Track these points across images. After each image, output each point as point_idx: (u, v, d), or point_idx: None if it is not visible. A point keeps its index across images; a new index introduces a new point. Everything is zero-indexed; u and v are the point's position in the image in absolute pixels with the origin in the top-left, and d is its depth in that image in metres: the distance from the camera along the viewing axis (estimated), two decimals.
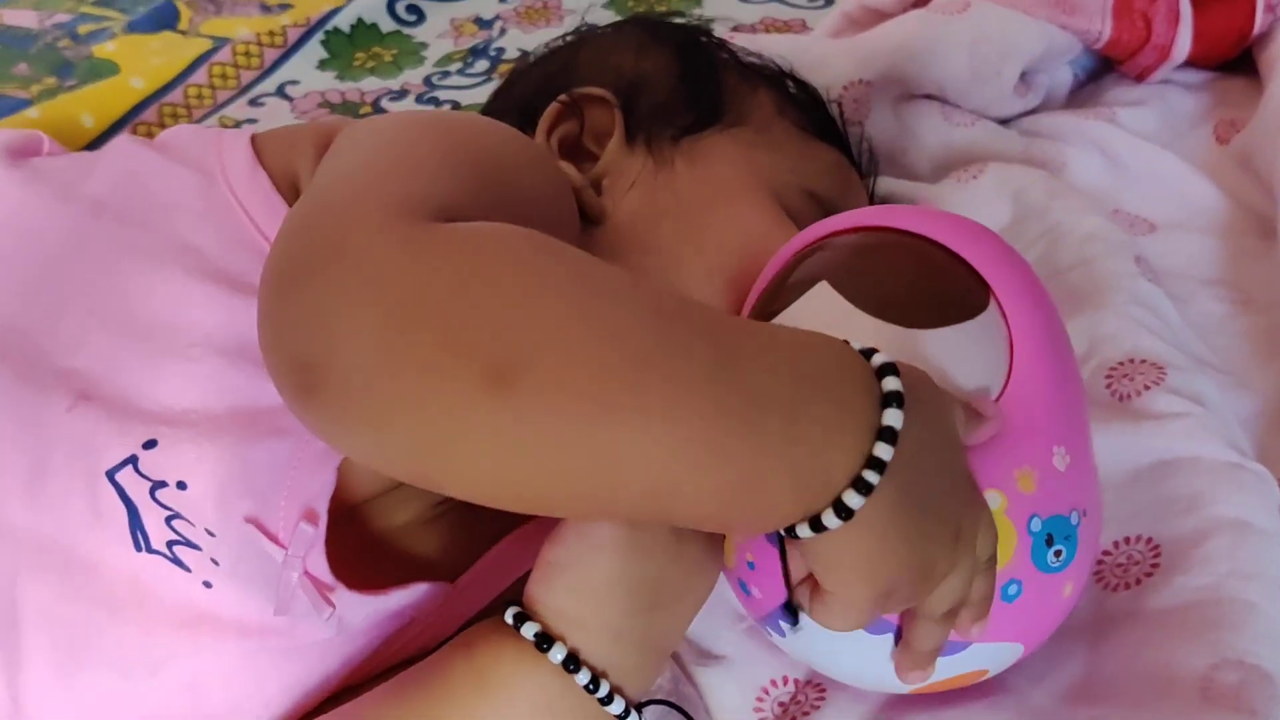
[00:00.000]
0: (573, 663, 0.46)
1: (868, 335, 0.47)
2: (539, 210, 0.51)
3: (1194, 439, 0.60)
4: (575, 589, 0.47)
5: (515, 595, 0.48)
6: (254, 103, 0.98)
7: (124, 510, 0.47)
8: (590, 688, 0.46)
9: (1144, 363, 0.64)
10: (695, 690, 0.58)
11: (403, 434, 0.38)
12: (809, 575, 0.44)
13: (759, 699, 0.58)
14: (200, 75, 0.99)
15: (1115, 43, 0.88)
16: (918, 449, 0.40)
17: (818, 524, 0.39)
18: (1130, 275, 0.71)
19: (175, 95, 0.97)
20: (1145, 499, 0.59)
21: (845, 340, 0.42)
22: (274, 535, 0.48)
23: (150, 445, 0.47)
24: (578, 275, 0.39)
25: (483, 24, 1.07)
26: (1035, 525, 0.46)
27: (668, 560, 0.47)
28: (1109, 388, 0.64)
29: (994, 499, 0.46)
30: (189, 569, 0.48)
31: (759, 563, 0.47)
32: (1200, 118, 0.89)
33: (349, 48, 1.04)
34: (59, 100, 0.93)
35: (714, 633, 0.60)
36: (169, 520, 0.47)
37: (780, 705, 0.58)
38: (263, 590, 0.49)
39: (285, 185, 0.53)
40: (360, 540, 0.52)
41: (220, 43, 1.02)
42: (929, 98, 0.88)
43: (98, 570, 0.48)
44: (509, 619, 0.47)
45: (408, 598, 0.52)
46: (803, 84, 0.72)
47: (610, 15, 1.05)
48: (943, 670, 0.49)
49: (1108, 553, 0.58)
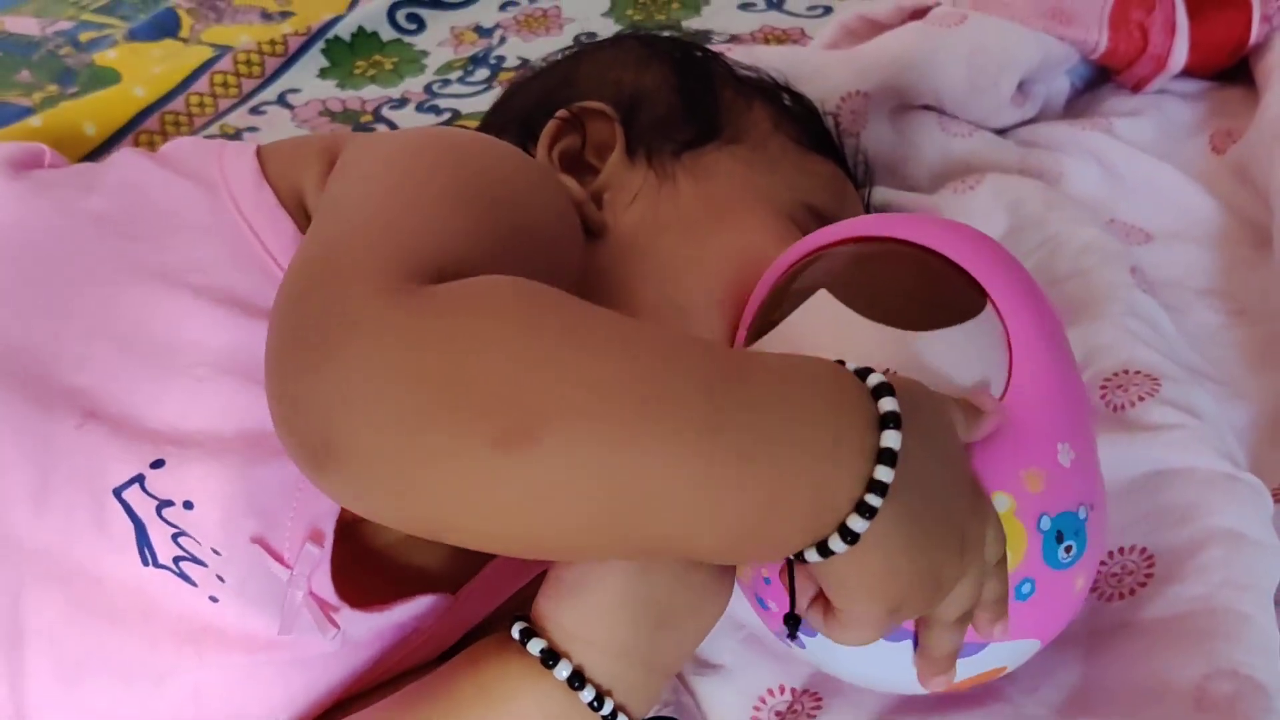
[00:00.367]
0: (577, 680, 0.47)
1: (867, 340, 0.48)
2: (546, 236, 0.51)
3: (1188, 450, 0.61)
4: (583, 607, 0.47)
5: (517, 606, 0.49)
6: (255, 111, 0.98)
7: (131, 526, 0.48)
8: (594, 705, 0.47)
9: (1139, 374, 0.65)
10: (693, 699, 0.58)
11: (420, 500, 0.39)
12: (819, 594, 0.44)
13: (756, 707, 0.58)
14: (202, 84, 0.99)
15: (1112, 53, 0.88)
16: (918, 465, 0.41)
17: (825, 549, 0.40)
18: (1126, 286, 0.71)
19: (177, 104, 0.97)
20: (1140, 510, 0.60)
21: (840, 361, 0.43)
22: (279, 555, 0.48)
23: (158, 465, 0.48)
24: (568, 330, 0.40)
25: (483, 32, 1.07)
26: (1045, 524, 0.47)
27: (677, 582, 0.48)
28: (1104, 398, 0.64)
29: (1002, 501, 0.46)
30: (195, 584, 0.48)
31: (774, 578, 0.48)
32: (1196, 128, 0.89)
33: (350, 56, 1.05)
34: (61, 108, 0.93)
35: (712, 642, 0.59)
36: (175, 537, 0.48)
37: (777, 714, 0.58)
38: (268, 607, 0.49)
39: (291, 201, 0.53)
40: (363, 553, 0.52)
41: (222, 51, 1.02)
42: (926, 108, 0.88)
43: (103, 583, 0.48)
44: (515, 634, 0.47)
45: (410, 611, 0.52)
46: (798, 96, 0.72)
47: (610, 23, 1.06)
48: (964, 671, 0.49)
49: (1102, 563, 0.59)
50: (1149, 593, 0.57)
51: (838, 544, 0.40)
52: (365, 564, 0.52)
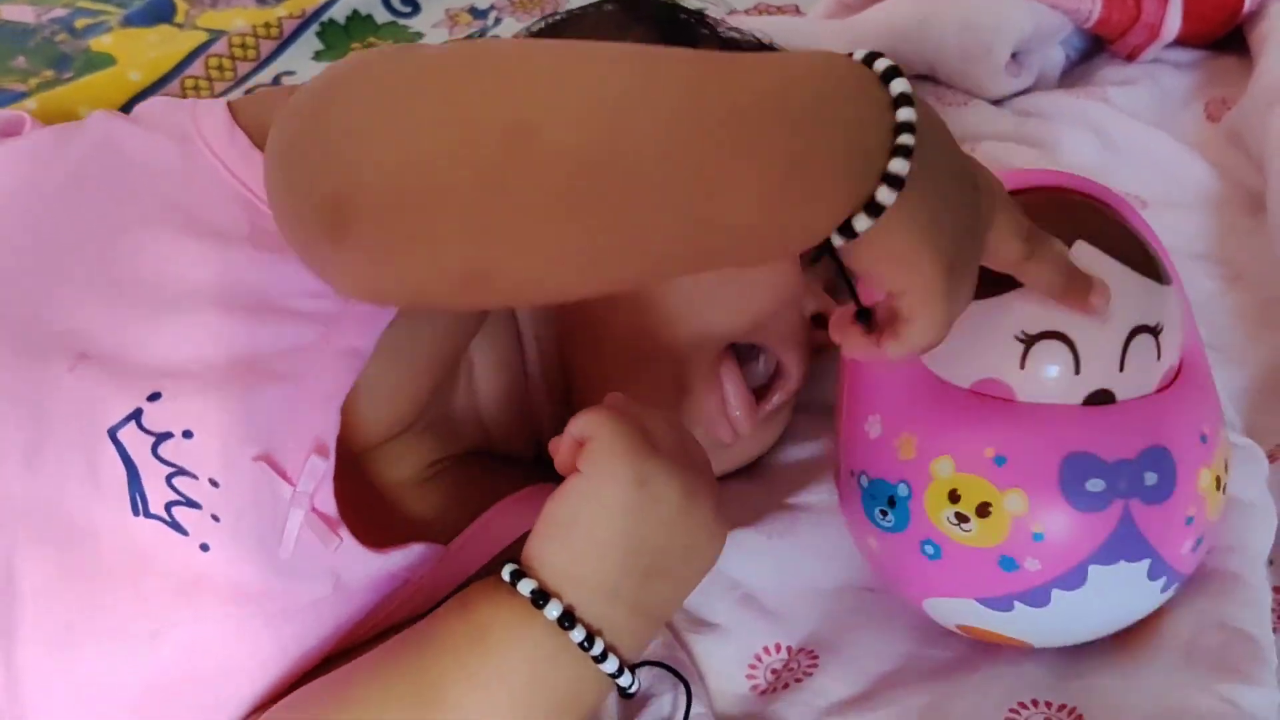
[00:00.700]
0: (568, 620, 0.47)
1: (1134, 289, 0.50)
2: None
3: None
4: (574, 547, 0.47)
5: (509, 559, 0.49)
6: (250, 94, 0.99)
7: (123, 472, 0.48)
8: (584, 645, 0.47)
9: None
10: (689, 657, 0.58)
11: (454, 228, 0.37)
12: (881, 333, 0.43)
13: (752, 666, 0.58)
14: (197, 67, 1.00)
15: (1105, 22, 0.88)
16: (927, 121, 0.40)
17: (873, 209, 0.38)
18: None
19: (172, 87, 0.98)
20: None
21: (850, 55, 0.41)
22: (283, 471, 0.48)
23: (154, 398, 0.48)
24: (566, 51, 0.40)
25: (478, 14, 1.07)
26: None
27: (670, 527, 0.48)
28: None
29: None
30: (186, 532, 0.48)
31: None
32: (1191, 96, 0.89)
33: (344, 39, 1.05)
34: (56, 93, 0.93)
35: (708, 602, 0.60)
36: (170, 478, 0.48)
37: (773, 672, 0.58)
38: (262, 546, 0.49)
39: (262, 141, 0.53)
40: (358, 499, 0.52)
41: (216, 35, 1.03)
42: (921, 78, 0.88)
43: (95, 538, 0.48)
44: (506, 576, 0.48)
45: (405, 559, 0.52)
46: None
47: None
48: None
49: None
50: None
51: (886, 194, 0.38)
52: (362, 513, 0.52)
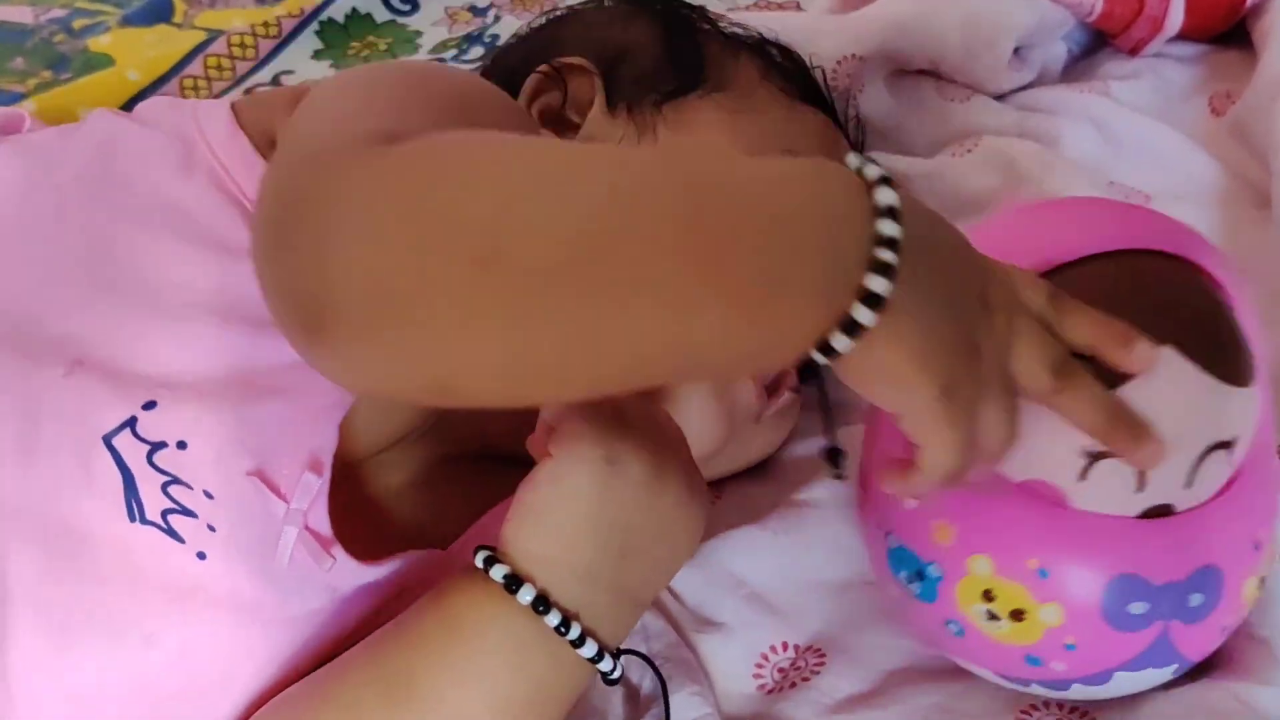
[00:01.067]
0: (542, 604, 0.46)
1: (1214, 402, 0.45)
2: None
3: None
4: (545, 530, 0.47)
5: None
6: (249, 93, 0.98)
7: (119, 478, 0.47)
8: (561, 630, 0.46)
9: None
10: (695, 657, 0.58)
11: (412, 342, 0.37)
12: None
13: (758, 664, 0.58)
14: (195, 66, 0.99)
15: (1108, 16, 0.88)
16: (919, 233, 0.38)
17: (851, 327, 0.36)
18: None
19: (170, 87, 0.97)
20: None
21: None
22: (276, 488, 0.48)
23: (150, 406, 0.47)
24: (530, 155, 0.39)
25: (477, 11, 1.07)
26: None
27: (642, 505, 0.47)
28: None
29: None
30: (183, 540, 0.48)
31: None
32: (1195, 90, 0.89)
33: (344, 37, 1.04)
34: (54, 93, 0.93)
35: (714, 601, 0.60)
36: (165, 487, 0.47)
37: (780, 671, 0.58)
38: (258, 557, 0.49)
39: (264, 145, 0.53)
40: (354, 507, 0.52)
41: (215, 34, 1.02)
42: (923, 73, 0.88)
43: (89, 543, 0.48)
44: (479, 563, 0.47)
45: (400, 566, 0.52)
46: (786, 51, 0.72)
47: None
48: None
49: None
50: None
51: (864, 314, 0.36)
52: (357, 522, 0.51)
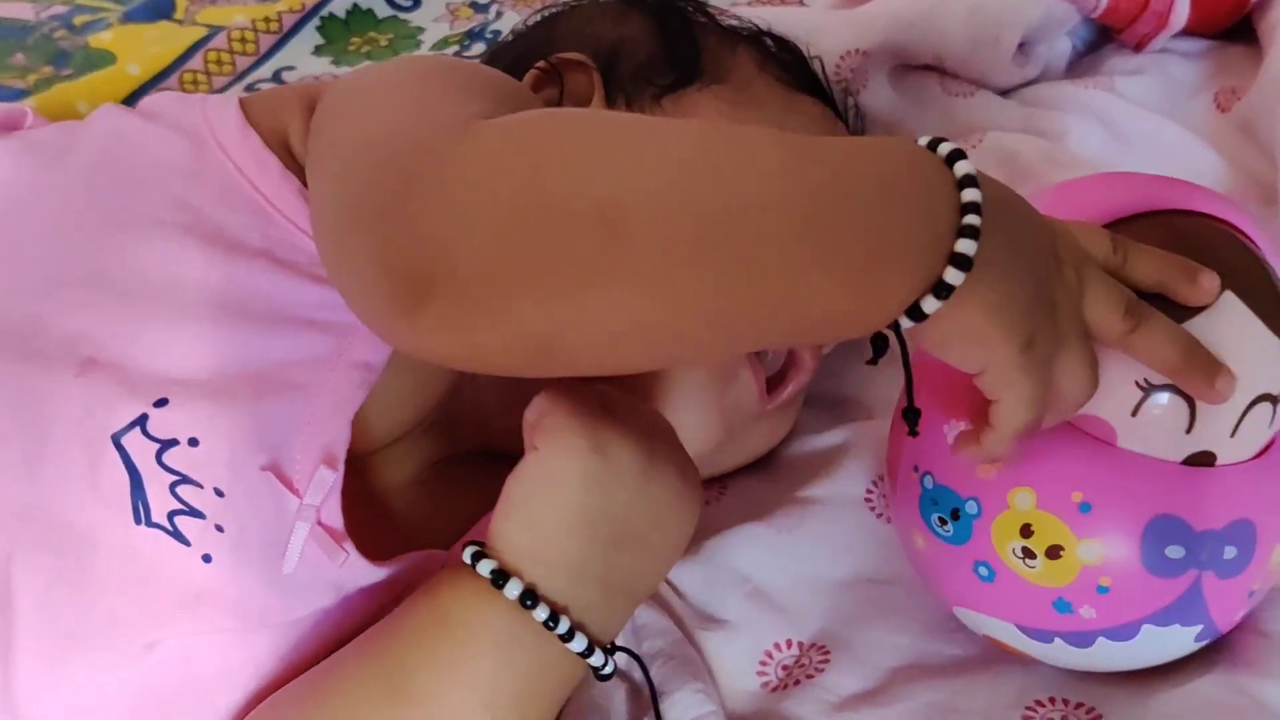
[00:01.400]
0: (530, 598, 0.46)
1: (1268, 354, 0.45)
2: None
3: None
4: (532, 523, 0.46)
5: None
6: (250, 89, 0.98)
7: (126, 478, 0.47)
8: (549, 624, 0.46)
9: None
10: (699, 654, 0.58)
11: (528, 301, 0.37)
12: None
13: (762, 662, 0.58)
14: (196, 61, 0.99)
15: (1113, 11, 0.88)
16: (996, 197, 0.40)
17: (942, 290, 0.38)
18: None
19: (171, 82, 0.97)
20: None
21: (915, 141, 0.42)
22: (290, 482, 0.48)
23: (162, 404, 0.47)
24: (639, 123, 0.41)
25: (479, 7, 1.07)
26: None
27: (631, 495, 0.47)
28: None
29: None
30: (188, 543, 0.47)
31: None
32: (1200, 86, 0.88)
33: (345, 33, 1.04)
34: (55, 90, 0.92)
35: (718, 599, 0.60)
36: (174, 486, 0.47)
37: (784, 668, 0.57)
38: (265, 558, 0.48)
39: (275, 143, 0.53)
40: (358, 503, 0.51)
41: (216, 30, 1.02)
42: (927, 68, 0.87)
43: (94, 547, 0.47)
44: (467, 558, 0.47)
45: (406, 566, 0.51)
46: (782, 41, 0.71)
47: None
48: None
49: None
50: None
51: (954, 275, 0.38)
52: (360, 516, 0.51)
